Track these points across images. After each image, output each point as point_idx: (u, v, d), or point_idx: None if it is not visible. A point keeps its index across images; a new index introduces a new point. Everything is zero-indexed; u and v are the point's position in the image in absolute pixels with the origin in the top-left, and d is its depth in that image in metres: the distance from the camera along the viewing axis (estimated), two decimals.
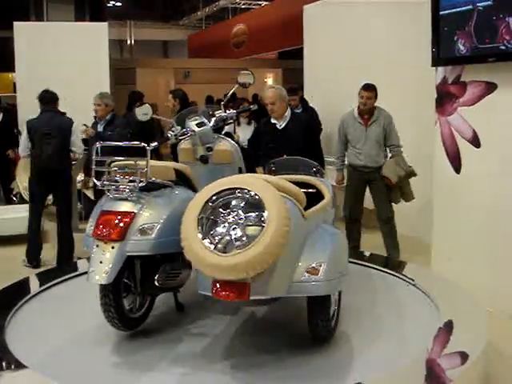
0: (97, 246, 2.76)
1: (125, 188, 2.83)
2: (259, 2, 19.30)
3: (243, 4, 19.99)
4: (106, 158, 2.92)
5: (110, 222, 2.77)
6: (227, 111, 3.58)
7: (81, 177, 6.85)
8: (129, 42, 23.81)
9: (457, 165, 4.53)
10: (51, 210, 6.69)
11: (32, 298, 3.53)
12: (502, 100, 4.11)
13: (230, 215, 2.53)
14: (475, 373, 2.75)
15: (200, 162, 3.43)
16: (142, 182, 2.81)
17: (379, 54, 6.73)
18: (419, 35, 5.09)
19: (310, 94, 8.08)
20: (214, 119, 3.49)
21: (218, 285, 2.48)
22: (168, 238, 2.82)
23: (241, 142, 6.59)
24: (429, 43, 4.50)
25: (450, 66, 4.47)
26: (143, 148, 2.84)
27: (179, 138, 3.43)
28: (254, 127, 6.99)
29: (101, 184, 2.87)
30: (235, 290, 2.47)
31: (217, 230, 2.52)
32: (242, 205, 2.55)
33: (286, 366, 2.72)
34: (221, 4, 20.11)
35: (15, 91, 10.28)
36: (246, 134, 6.83)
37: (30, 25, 10.93)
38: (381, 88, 5.30)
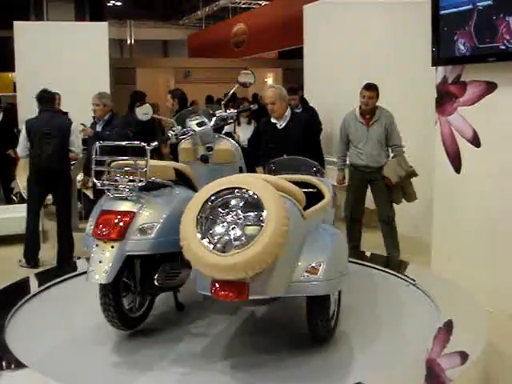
0: (96, 245, 2.76)
1: (125, 187, 2.83)
2: (259, 2, 19.29)
3: (243, 3, 19.99)
4: (106, 157, 2.91)
5: (110, 221, 2.77)
6: (228, 111, 3.58)
7: (80, 176, 6.85)
8: (129, 41, 23.83)
9: (457, 165, 4.53)
10: (51, 210, 6.70)
11: (32, 297, 3.52)
12: (502, 100, 4.11)
13: (229, 215, 2.53)
14: (475, 373, 2.75)
15: (200, 161, 3.42)
16: (141, 181, 2.81)
17: (379, 54, 6.73)
18: (419, 35, 5.09)
19: (310, 93, 8.08)
20: (214, 119, 3.48)
21: (217, 284, 2.48)
22: (168, 238, 2.81)
23: (241, 141, 6.60)
24: (429, 43, 4.50)
25: (450, 65, 4.47)
26: (143, 148, 2.84)
27: (180, 138, 3.43)
28: (254, 127, 6.99)
29: (101, 184, 2.87)
30: (234, 290, 2.46)
31: (216, 229, 2.51)
32: (241, 204, 2.54)
33: (286, 366, 2.72)
34: (221, 3, 20.11)
35: (15, 91, 10.28)
36: (246, 134, 6.84)
37: (30, 24, 10.94)
38: (380, 88, 5.29)
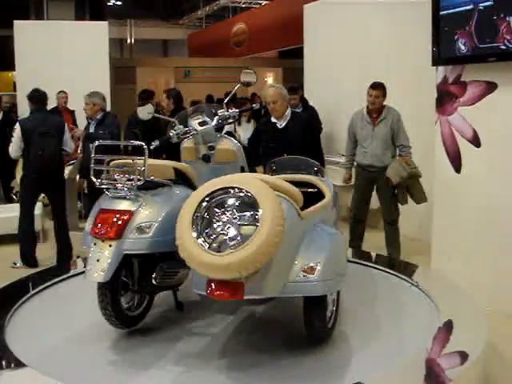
0: (94, 244, 2.77)
1: (123, 187, 2.83)
2: (259, 1, 19.29)
3: (243, 3, 19.99)
4: (105, 156, 2.92)
5: (108, 220, 2.77)
6: (229, 110, 3.58)
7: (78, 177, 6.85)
8: (129, 40, 23.83)
9: (457, 164, 4.53)
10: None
11: (31, 296, 3.52)
12: (503, 100, 4.11)
13: (225, 214, 2.52)
14: (475, 373, 2.75)
15: (202, 160, 3.42)
16: (139, 180, 2.81)
17: (379, 54, 6.72)
18: (419, 35, 5.08)
19: (310, 93, 8.08)
20: (216, 118, 3.48)
21: (212, 284, 2.47)
22: (165, 237, 2.80)
23: (241, 140, 6.59)
24: (429, 43, 4.50)
25: (450, 65, 4.47)
26: (141, 147, 2.84)
27: (181, 137, 3.43)
28: (254, 127, 6.99)
29: (99, 183, 2.87)
30: (229, 290, 2.45)
31: (211, 229, 2.51)
32: (236, 204, 2.54)
33: (284, 366, 2.71)
34: (221, 3, 20.13)
35: (15, 90, 10.28)
36: (247, 133, 6.84)
37: (30, 23, 10.93)
38: None
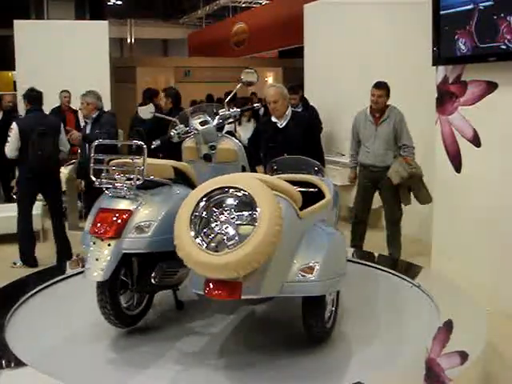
0: (94, 243, 2.77)
1: (122, 186, 2.83)
2: (260, 1, 19.28)
3: (244, 3, 19.97)
4: (104, 156, 2.93)
5: (107, 219, 2.78)
6: (231, 110, 3.58)
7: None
8: (129, 40, 23.82)
9: (457, 164, 4.53)
10: None
11: (31, 296, 3.52)
12: (503, 99, 4.11)
13: (223, 214, 2.52)
14: (475, 373, 2.75)
15: (204, 160, 3.42)
16: (138, 179, 2.81)
17: (379, 54, 6.73)
18: (419, 35, 5.08)
19: (310, 93, 8.08)
20: (217, 118, 3.48)
21: (210, 284, 2.48)
22: (164, 236, 2.80)
23: (242, 140, 6.59)
24: (429, 43, 4.50)
25: (450, 65, 4.47)
26: (140, 146, 2.84)
27: (182, 137, 3.43)
28: (254, 126, 6.99)
29: (99, 182, 2.87)
30: (227, 289, 2.46)
31: (209, 228, 2.51)
32: (234, 204, 2.54)
33: (284, 366, 2.71)
34: (221, 2, 20.11)
35: (15, 90, 10.27)
36: (247, 133, 6.84)
37: (30, 23, 10.90)
38: None
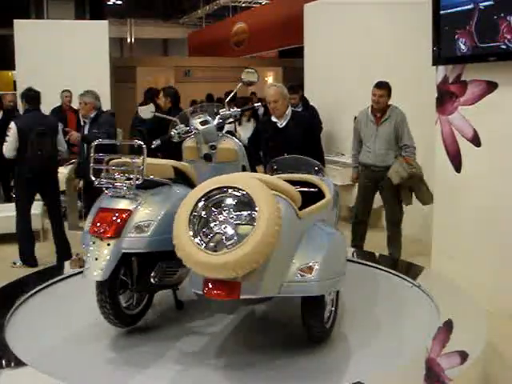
0: (93, 242, 2.77)
1: (122, 186, 2.83)
2: (259, 1, 19.26)
3: (244, 2, 19.95)
4: (104, 155, 2.93)
5: (107, 219, 2.78)
6: (231, 109, 3.57)
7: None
8: (129, 40, 23.81)
9: (457, 164, 4.53)
10: None
11: (31, 296, 3.52)
12: (503, 99, 4.11)
13: (222, 214, 2.52)
14: (475, 373, 2.75)
15: (204, 160, 3.42)
16: (138, 179, 2.81)
17: (379, 54, 6.73)
18: (419, 35, 5.08)
19: (311, 92, 8.08)
20: (218, 117, 3.48)
21: (209, 284, 2.48)
22: (164, 236, 2.80)
23: (242, 140, 6.59)
24: (429, 43, 4.49)
25: (450, 65, 4.47)
26: (139, 146, 2.85)
27: (182, 136, 3.43)
28: (254, 126, 6.99)
29: (98, 182, 2.87)
30: (226, 289, 2.46)
31: (208, 228, 2.51)
32: (233, 203, 2.54)
33: (284, 366, 2.70)
34: (221, 2, 20.08)
35: (15, 89, 10.27)
36: (247, 133, 6.83)
37: (30, 23, 10.91)
38: None
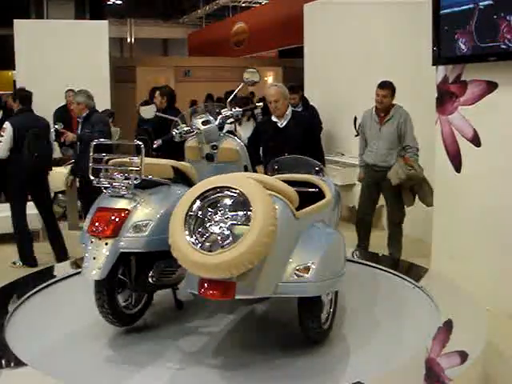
0: (91, 242, 2.78)
1: (120, 185, 2.84)
2: (259, 1, 19.26)
3: (243, 2, 19.96)
4: (103, 155, 2.94)
5: (105, 218, 2.79)
6: (233, 109, 3.57)
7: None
8: (129, 40, 23.80)
9: (457, 164, 4.52)
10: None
11: (31, 296, 3.52)
12: (503, 99, 4.11)
13: (218, 214, 2.53)
14: (475, 373, 2.75)
15: (206, 160, 3.42)
16: (136, 179, 2.81)
17: (379, 54, 6.72)
18: (419, 35, 5.08)
19: (311, 92, 8.08)
20: (219, 117, 3.48)
21: (204, 284, 2.48)
22: (162, 236, 2.79)
23: (242, 140, 6.58)
24: (429, 42, 4.49)
25: (450, 65, 4.46)
26: (138, 146, 2.86)
27: (184, 136, 3.43)
28: (254, 126, 6.97)
29: (97, 181, 2.88)
30: (221, 289, 2.46)
31: (204, 228, 2.52)
32: (229, 204, 2.55)
33: (283, 366, 2.70)
34: (221, 2, 20.09)
35: (15, 89, 10.26)
36: (247, 132, 6.82)
37: (30, 23, 10.89)
38: None
